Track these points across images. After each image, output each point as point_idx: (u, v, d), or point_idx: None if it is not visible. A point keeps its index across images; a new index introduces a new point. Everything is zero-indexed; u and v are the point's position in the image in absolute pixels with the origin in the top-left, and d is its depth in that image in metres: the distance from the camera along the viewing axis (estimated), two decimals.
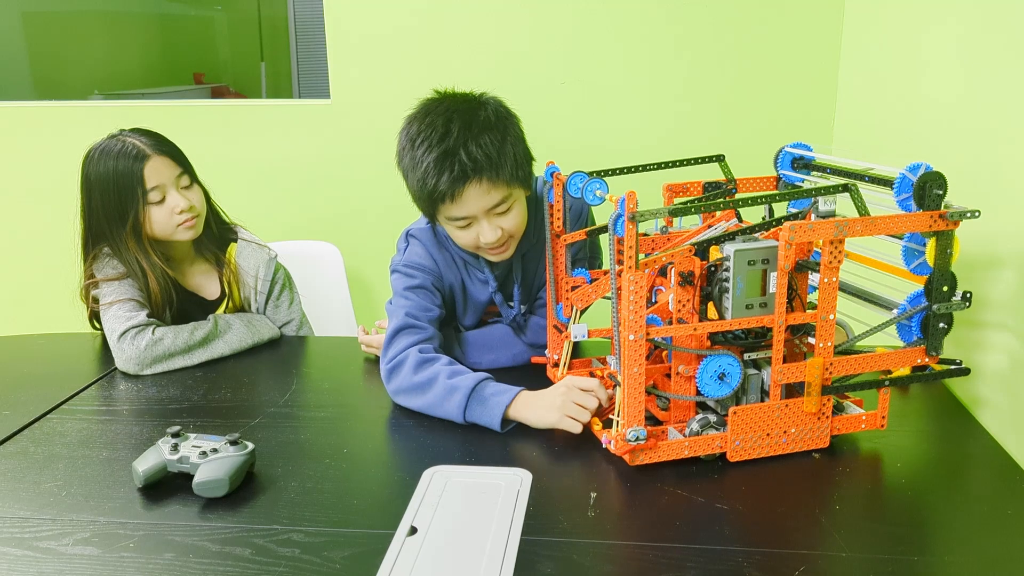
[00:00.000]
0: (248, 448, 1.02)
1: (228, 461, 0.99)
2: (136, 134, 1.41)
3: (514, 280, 1.36)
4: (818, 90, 2.00)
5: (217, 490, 0.97)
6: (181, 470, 1.00)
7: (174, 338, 1.39)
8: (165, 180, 1.40)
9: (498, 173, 1.18)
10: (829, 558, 0.84)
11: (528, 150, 1.26)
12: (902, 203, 1.00)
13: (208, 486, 0.97)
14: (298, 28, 4.14)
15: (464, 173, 1.16)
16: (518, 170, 1.21)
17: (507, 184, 1.20)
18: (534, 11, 2.01)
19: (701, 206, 1.01)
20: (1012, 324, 1.14)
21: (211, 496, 0.97)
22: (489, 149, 1.17)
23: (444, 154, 1.16)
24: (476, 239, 1.23)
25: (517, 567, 0.83)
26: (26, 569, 0.85)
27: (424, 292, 1.30)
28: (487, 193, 1.19)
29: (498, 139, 1.19)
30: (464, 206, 1.19)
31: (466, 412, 1.13)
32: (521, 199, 1.25)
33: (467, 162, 1.16)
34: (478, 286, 1.37)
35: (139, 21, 4.01)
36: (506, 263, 1.34)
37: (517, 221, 1.24)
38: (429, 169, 1.17)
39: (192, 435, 1.04)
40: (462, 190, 1.17)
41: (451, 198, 1.18)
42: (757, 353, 1.04)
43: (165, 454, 1.01)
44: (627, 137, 2.07)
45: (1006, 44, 1.18)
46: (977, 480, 1.03)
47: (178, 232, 1.43)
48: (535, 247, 1.35)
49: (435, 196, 1.19)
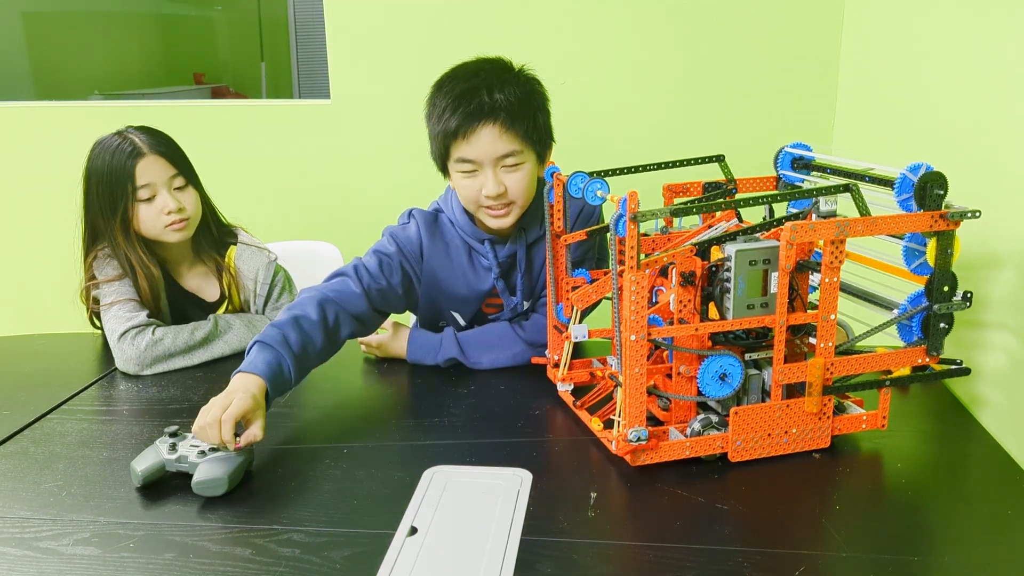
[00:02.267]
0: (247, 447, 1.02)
1: (227, 460, 0.99)
2: (139, 132, 1.41)
3: (518, 269, 1.36)
4: (818, 90, 2.00)
5: (216, 489, 0.97)
6: (180, 469, 1.00)
7: (174, 338, 1.39)
8: (156, 179, 1.40)
9: (513, 122, 1.21)
10: (829, 558, 0.84)
11: (550, 126, 1.29)
12: (903, 203, 1.00)
13: (207, 485, 0.97)
14: (298, 28, 4.14)
15: (481, 111, 1.20)
16: (534, 132, 1.24)
17: (520, 139, 1.22)
18: (534, 11, 2.01)
19: (701, 206, 1.01)
20: (1012, 324, 1.14)
21: (210, 495, 0.97)
22: (511, 98, 1.21)
23: (465, 91, 1.21)
24: (479, 192, 1.24)
25: (517, 567, 0.83)
26: (26, 569, 0.84)
27: (388, 263, 1.32)
28: (499, 138, 1.21)
29: (522, 95, 1.23)
30: (474, 147, 1.22)
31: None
32: (532, 165, 1.26)
33: (486, 100, 1.20)
34: (481, 273, 1.37)
35: (139, 21, 4.01)
36: (511, 251, 1.34)
37: (523, 185, 1.25)
38: (448, 106, 1.22)
39: (190, 434, 1.04)
40: (476, 128, 1.20)
41: (463, 135, 1.21)
42: (758, 353, 1.04)
43: (163, 454, 1.01)
44: (627, 137, 2.07)
45: (1006, 44, 1.18)
46: (977, 480, 1.03)
47: (165, 233, 1.42)
48: (543, 239, 1.35)
49: (449, 132, 1.22)
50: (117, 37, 3.89)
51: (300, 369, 1.15)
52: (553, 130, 1.32)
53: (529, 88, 1.26)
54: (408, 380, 1.34)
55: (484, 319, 1.42)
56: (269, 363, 1.10)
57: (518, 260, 1.35)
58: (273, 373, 1.10)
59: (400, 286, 1.33)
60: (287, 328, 1.16)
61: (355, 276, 1.28)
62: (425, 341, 1.36)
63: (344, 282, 1.27)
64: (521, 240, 1.34)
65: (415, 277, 1.36)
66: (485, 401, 1.24)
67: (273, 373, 1.10)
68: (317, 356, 1.20)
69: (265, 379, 1.08)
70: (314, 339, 1.18)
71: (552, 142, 1.32)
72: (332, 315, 1.22)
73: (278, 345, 1.13)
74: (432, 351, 1.35)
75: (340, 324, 1.24)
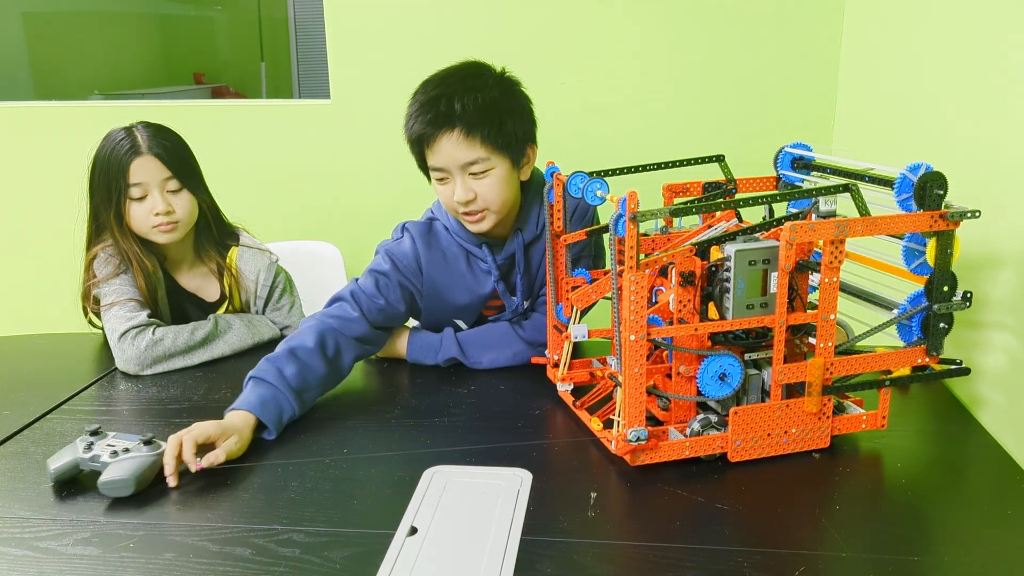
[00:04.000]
0: (161, 448, 1.02)
1: (136, 461, 0.99)
2: (146, 129, 1.41)
3: (517, 269, 1.36)
4: (818, 90, 2.00)
5: (123, 489, 0.97)
6: (92, 468, 1.00)
7: (174, 338, 1.39)
8: (149, 180, 1.40)
9: (471, 129, 1.21)
10: (829, 558, 0.84)
11: (530, 130, 1.29)
12: (902, 203, 1.00)
13: (114, 485, 0.97)
14: (298, 28, 4.14)
15: (438, 119, 1.21)
16: (500, 137, 1.23)
17: (482, 145, 1.22)
18: (534, 11, 2.01)
19: (701, 206, 1.01)
20: (1012, 324, 1.14)
21: (117, 495, 0.97)
22: (471, 106, 1.21)
23: (428, 100, 1.23)
24: (451, 199, 1.26)
25: (517, 567, 0.83)
26: (26, 569, 0.85)
27: (385, 281, 1.32)
28: (458, 146, 1.22)
29: (487, 101, 1.22)
30: (438, 155, 1.23)
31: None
32: (504, 171, 1.25)
33: (443, 110, 1.21)
34: (480, 277, 1.37)
35: (139, 21, 4.01)
36: (509, 252, 1.35)
37: (493, 192, 1.25)
38: (413, 114, 1.25)
39: (111, 434, 1.05)
40: (437, 136, 1.22)
41: (427, 143, 1.23)
42: (758, 353, 1.04)
43: (79, 452, 1.01)
44: (627, 137, 2.07)
45: (1006, 44, 1.18)
46: (977, 480, 1.03)
47: (152, 233, 1.42)
48: (539, 237, 1.36)
49: (414, 139, 1.24)
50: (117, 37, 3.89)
51: (298, 391, 1.17)
52: (535, 133, 1.30)
53: (499, 93, 1.24)
54: (408, 380, 1.34)
55: (484, 321, 1.42)
56: (261, 396, 1.13)
57: (516, 261, 1.35)
58: (264, 405, 1.12)
59: (401, 302, 1.33)
60: (281, 360, 1.18)
61: (352, 300, 1.29)
62: (425, 341, 1.36)
63: (342, 307, 1.28)
64: (518, 240, 1.34)
65: (416, 292, 1.36)
66: (485, 401, 1.24)
67: (264, 405, 1.12)
68: (320, 382, 1.21)
69: (253, 412, 1.11)
70: (312, 365, 1.20)
71: (531, 145, 1.30)
72: (332, 342, 1.24)
73: (271, 378, 1.15)
74: (432, 351, 1.35)
75: (341, 349, 1.25)
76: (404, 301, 1.34)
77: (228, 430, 1.07)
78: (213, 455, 1.03)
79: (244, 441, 1.08)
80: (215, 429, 1.06)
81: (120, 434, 1.05)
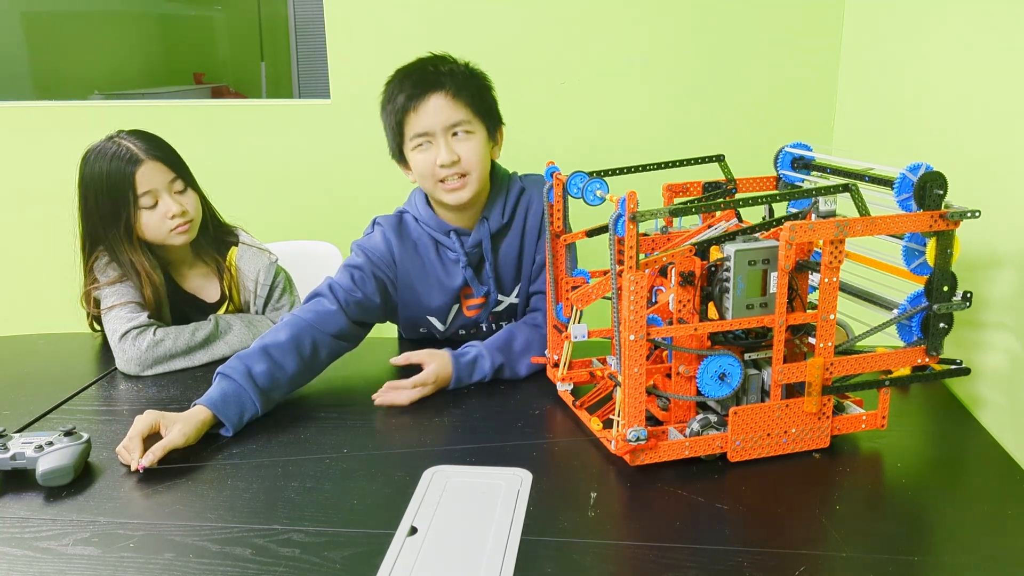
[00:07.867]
0: (84, 437, 1.04)
1: (69, 450, 1.01)
2: (132, 137, 1.41)
3: (485, 259, 1.37)
4: (818, 90, 2.00)
5: (63, 478, 0.99)
6: (16, 467, 1.01)
7: (175, 339, 1.39)
8: (157, 185, 1.40)
9: (459, 91, 1.28)
10: (829, 558, 0.84)
11: (497, 106, 1.36)
12: (902, 203, 1.00)
13: (54, 475, 0.98)
14: (298, 28, 4.14)
15: (426, 81, 1.28)
16: (482, 104, 1.32)
17: (467, 107, 1.29)
18: (534, 11, 2.01)
19: (701, 206, 1.01)
20: (1012, 324, 1.14)
21: (57, 484, 0.99)
22: (455, 72, 1.30)
23: (412, 69, 1.31)
24: (434, 164, 1.28)
25: (517, 567, 0.83)
26: (26, 569, 0.85)
27: (360, 274, 1.34)
28: (448, 106, 1.27)
29: (467, 72, 1.32)
30: (424, 118, 1.27)
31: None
32: (483, 138, 1.32)
33: (431, 72, 1.29)
34: (450, 268, 1.38)
35: (139, 21, 4.01)
36: (476, 240, 1.36)
37: (476, 154, 1.30)
38: (397, 85, 1.30)
39: (16, 434, 1.05)
40: (425, 99, 1.27)
41: (414, 108, 1.27)
42: (757, 353, 1.04)
43: None
44: (627, 137, 2.07)
45: (1006, 44, 1.18)
46: (977, 480, 1.03)
47: (171, 237, 1.42)
48: (507, 229, 1.38)
49: (399, 109, 1.28)
50: (117, 37, 3.89)
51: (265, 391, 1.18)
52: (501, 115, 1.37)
53: (473, 72, 1.33)
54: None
55: (464, 320, 1.42)
56: (224, 393, 1.15)
57: (484, 250, 1.37)
58: (226, 402, 1.14)
59: (376, 294, 1.34)
60: (252, 358, 1.19)
61: (330, 294, 1.30)
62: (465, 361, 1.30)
63: (319, 302, 1.29)
64: (484, 228, 1.36)
65: (390, 283, 1.37)
66: (485, 401, 1.24)
67: (226, 402, 1.14)
68: (290, 380, 1.22)
69: (210, 408, 1.13)
70: (283, 363, 1.21)
71: (501, 124, 1.37)
72: (308, 339, 1.24)
73: (237, 376, 1.17)
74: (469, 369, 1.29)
75: (318, 346, 1.26)
76: (379, 293, 1.35)
77: (168, 418, 1.09)
78: (151, 453, 1.04)
79: (189, 431, 1.09)
80: (153, 418, 1.09)
81: (27, 432, 1.07)
